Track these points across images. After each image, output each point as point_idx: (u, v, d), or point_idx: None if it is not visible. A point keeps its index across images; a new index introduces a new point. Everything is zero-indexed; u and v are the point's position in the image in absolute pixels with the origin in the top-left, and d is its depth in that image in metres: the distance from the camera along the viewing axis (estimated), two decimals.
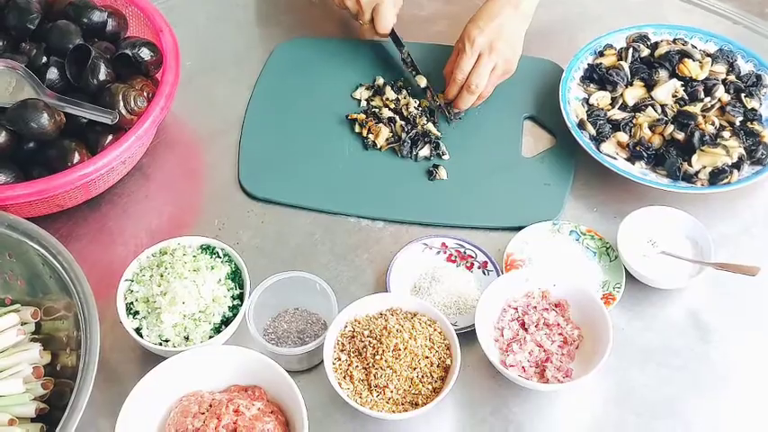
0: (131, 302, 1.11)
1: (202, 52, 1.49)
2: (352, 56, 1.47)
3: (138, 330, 1.10)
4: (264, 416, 1.01)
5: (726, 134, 1.29)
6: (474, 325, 1.08)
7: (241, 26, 1.55)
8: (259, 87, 1.43)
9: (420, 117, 1.36)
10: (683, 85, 1.36)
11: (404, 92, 1.41)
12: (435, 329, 1.09)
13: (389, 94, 1.40)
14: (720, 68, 1.37)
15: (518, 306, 1.13)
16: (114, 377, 1.10)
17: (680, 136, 1.29)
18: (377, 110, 1.38)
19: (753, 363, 1.13)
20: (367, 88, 1.42)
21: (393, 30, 1.41)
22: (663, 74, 1.36)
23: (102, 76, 1.23)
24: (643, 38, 1.42)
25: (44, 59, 1.26)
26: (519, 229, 1.23)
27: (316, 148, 1.35)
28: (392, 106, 1.38)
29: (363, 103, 1.40)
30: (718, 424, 1.08)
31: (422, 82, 1.38)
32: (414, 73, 1.40)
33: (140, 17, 1.36)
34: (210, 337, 1.09)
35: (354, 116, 1.37)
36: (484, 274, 1.20)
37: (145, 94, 1.24)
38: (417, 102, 1.38)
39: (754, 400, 1.10)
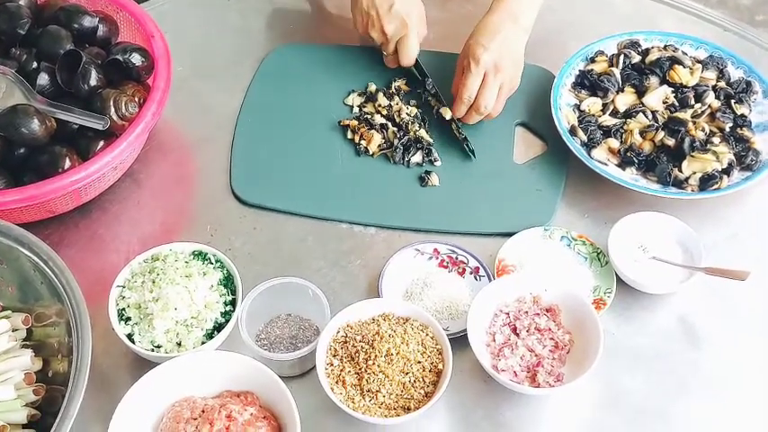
0: (123, 308, 1.13)
1: (194, 57, 1.50)
2: (345, 62, 1.48)
3: (130, 336, 1.11)
4: (257, 421, 1.02)
5: (716, 140, 1.31)
6: (466, 330, 1.10)
7: (233, 31, 1.56)
8: (251, 93, 1.45)
9: (412, 123, 1.37)
10: (673, 92, 1.38)
11: (396, 98, 1.42)
12: (427, 334, 1.10)
13: (381, 100, 1.41)
14: (711, 75, 1.40)
15: (509, 311, 1.15)
16: (106, 383, 1.11)
17: (670, 142, 1.31)
18: (369, 116, 1.39)
19: (742, 367, 1.15)
20: (359, 94, 1.44)
21: (417, 60, 1.42)
22: (653, 80, 1.39)
23: (93, 82, 1.25)
24: (634, 44, 1.45)
25: (35, 65, 1.27)
26: (510, 234, 1.25)
27: (308, 153, 1.36)
28: (384, 112, 1.40)
29: (356, 110, 1.42)
30: (708, 428, 1.10)
31: (446, 114, 1.37)
32: (437, 105, 1.39)
33: (131, 22, 1.37)
34: (203, 343, 1.10)
35: (347, 122, 1.39)
36: (476, 279, 1.22)
37: (136, 99, 1.25)
38: (408, 108, 1.40)
39: (745, 404, 1.12)
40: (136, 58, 1.29)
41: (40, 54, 1.29)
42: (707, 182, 1.27)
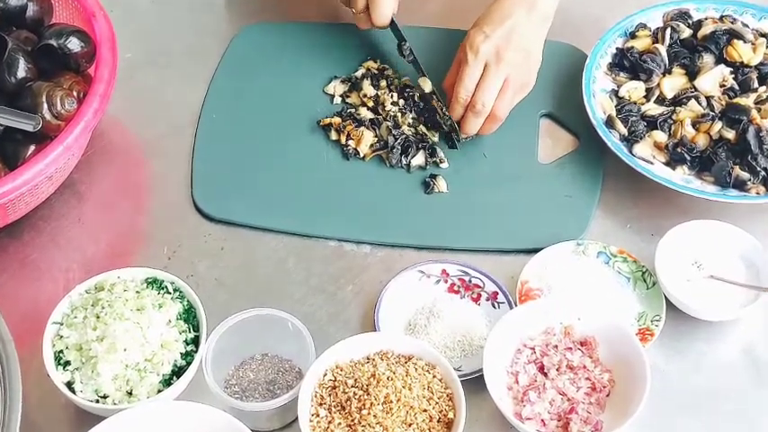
0: (61, 350, 1.12)
1: (146, 41, 1.51)
2: (327, 43, 1.48)
3: (69, 385, 1.10)
4: None
5: None
6: (482, 370, 1.10)
7: (194, 9, 1.57)
8: (216, 83, 1.45)
9: (404, 115, 1.37)
10: (732, 73, 1.38)
11: (383, 82, 1.41)
12: (435, 376, 1.10)
13: (367, 89, 1.41)
14: None
15: (535, 345, 1.15)
16: None
17: (730, 134, 1.31)
18: (354, 110, 1.39)
19: None
20: (342, 82, 1.43)
21: (393, 20, 1.39)
22: (708, 59, 1.39)
23: (21, 74, 1.24)
24: (683, 15, 1.45)
25: None
26: (535, 251, 1.24)
27: (286, 157, 1.37)
28: (371, 104, 1.40)
29: (337, 100, 1.42)
30: None
31: (426, 86, 1.36)
32: (418, 74, 1.38)
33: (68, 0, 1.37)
34: (159, 392, 1.10)
35: (328, 121, 1.38)
36: (493, 307, 1.21)
37: (75, 94, 1.25)
38: (393, 96, 1.39)
39: None
40: (73, 44, 1.29)
41: None
42: None
